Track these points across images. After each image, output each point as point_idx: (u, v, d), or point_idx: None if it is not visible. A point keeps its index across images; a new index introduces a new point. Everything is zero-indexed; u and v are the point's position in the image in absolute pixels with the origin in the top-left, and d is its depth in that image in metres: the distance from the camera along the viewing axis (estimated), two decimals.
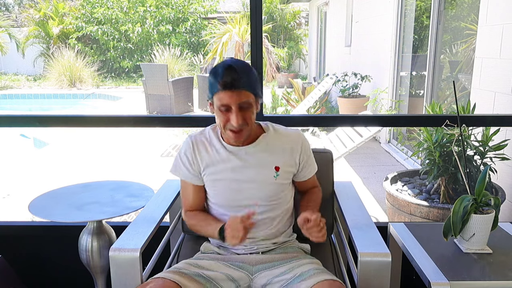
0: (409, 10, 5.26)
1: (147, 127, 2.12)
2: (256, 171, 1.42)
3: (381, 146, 5.65)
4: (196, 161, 1.44)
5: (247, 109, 1.32)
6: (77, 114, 2.33)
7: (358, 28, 7.24)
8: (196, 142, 1.46)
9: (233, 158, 1.42)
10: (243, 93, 1.30)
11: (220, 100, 1.31)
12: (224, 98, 1.30)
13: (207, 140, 1.46)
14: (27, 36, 14.49)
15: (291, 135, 1.48)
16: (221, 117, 1.33)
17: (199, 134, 1.49)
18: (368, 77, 6.28)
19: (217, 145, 1.45)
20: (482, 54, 3.20)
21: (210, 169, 1.44)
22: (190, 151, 1.45)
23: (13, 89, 12.56)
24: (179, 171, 1.47)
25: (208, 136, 1.47)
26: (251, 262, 1.40)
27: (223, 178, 1.43)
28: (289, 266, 1.35)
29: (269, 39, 9.67)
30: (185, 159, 1.45)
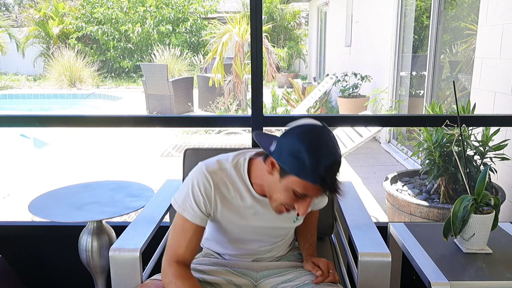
0: (409, 10, 5.26)
1: (147, 127, 2.12)
2: (278, 218, 1.28)
3: (381, 146, 5.65)
4: (212, 202, 1.23)
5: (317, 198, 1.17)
6: (77, 114, 2.32)
7: (358, 28, 7.24)
8: (216, 178, 1.23)
9: (257, 205, 1.26)
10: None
11: (305, 189, 1.09)
12: (312, 191, 1.09)
13: (228, 179, 1.24)
14: (27, 36, 14.49)
15: None
16: (289, 198, 1.12)
17: (218, 170, 1.24)
18: (368, 77, 6.28)
19: (242, 189, 1.24)
20: (482, 54, 3.20)
21: (227, 214, 1.25)
22: (208, 191, 1.22)
23: (13, 89, 12.56)
24: (188, 211, 1.21)
25: (230, 174, 1.25)
26: (255, 268, 1.36)
27: (240, 223, 1.28)
28: (296, 274, 1.33)
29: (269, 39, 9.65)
30: (201, 198, 1.21)
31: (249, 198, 1.25)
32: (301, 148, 1.06)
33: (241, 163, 1.26)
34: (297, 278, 1.30)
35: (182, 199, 1.23)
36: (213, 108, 7.87)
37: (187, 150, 1.73)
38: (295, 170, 1.07)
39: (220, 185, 1.23)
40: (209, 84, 7.71)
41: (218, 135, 6.38)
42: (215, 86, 7.60)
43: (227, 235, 1.33)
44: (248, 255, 1.38)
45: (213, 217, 1.27)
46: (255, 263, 1.38)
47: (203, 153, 1.72)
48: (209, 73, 8.20)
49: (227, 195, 1.24)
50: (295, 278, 1.31)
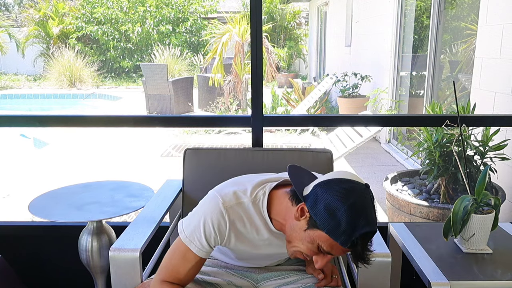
0: (409, 10, 5.26)
1: (147, 127, 2.12)
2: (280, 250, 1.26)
3: (381, 146, 5.65)
4: (225, 239, 1.16)
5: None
6: (77, 114, 2.32)
7: (358, 28, 7.24)
8: (233, 215, 1.15)
9: (273, 239, 1.21)
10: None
11: (331, 248, 1.05)
12: (338, 251, 1.05)
13: (246, 214, 1.17)
14: (27, 36, 14.49)
15: None
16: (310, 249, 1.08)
17: (235, 205, 1.16)
18: (368, 77, 6.28)
19: (260, 225, 1.18)
20: (482, 54, 3.20)
21: (240, 246, 1.20)
22: (223, 229, 1.14)
23: (13, 89, 12.56)
24: (195, 244, 1.14)
25: (248, 210, 1.17)
26: (256, 270, 1.36)
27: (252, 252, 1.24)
28: (297, 277, 1.32)
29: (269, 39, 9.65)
30: (212, 234, 1.14)
31: (266, 233, 1.19)
32: (340, 207, 1.01)
33: (260, 198, 1.18)
34: (298, 281, 1.30)
35: (191, 231, 1.15)
36: (213, 108, 7.87)
37: (187, 150, 1.73)
38: (328, 227, 1.02)
39: (236, 222, 1.16)
40: (209, 84, 7.71)
41: (218, 135, 6.38)
42: (215, 86, 7.60)
43: (234, 256, 1.32)
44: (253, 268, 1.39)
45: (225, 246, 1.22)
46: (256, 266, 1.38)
47: (203, 153, 1.72)
48: (209, 73, 8.20)
49: (243, 230, 1.17)
50: (297, 280, 1.30)
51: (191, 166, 1.70)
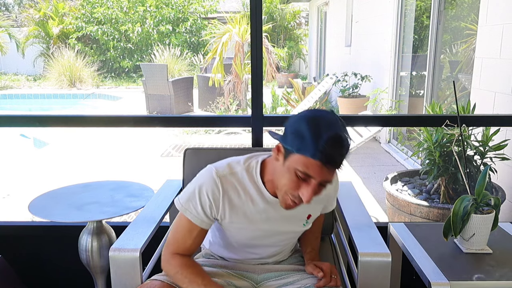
0: (409, 10, 5.26)
1: (147, 127, 2.12)
2: (289, 221, 1.28)
3: (381, 146, 5.65)
4: (220, 207, 1.19)
5: (323, 187, 1.10)
6: (77, 114, 2.32)
7: (358, 28, 7.24)
8: (226, 184, 1.19)
9: (269, 209, 1.22)
10: (332, 173, 1.06)
11: (305, 167, 1.04)
12: (313, 169, 1.04)
13: (239, 183, 1.20)
14: (27, 36, 14.49)
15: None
16: (291, 182, 1.08)
17: (229, 174, 1.20)
18: (368, 77, 6.28)
19: (254, 193, 1.21)
20: (482, 54, 3.20)
21: (236, 219, 1.22)
22: (216, 195, 1.18)
23: (13, 89, 12.56)
24: (190, 211, 1.19)
25: (241, 178, 1.21)
26: (256, 271, 1.35)
27: (249, 228, 1.25)
28: (297, 277, 1.32)
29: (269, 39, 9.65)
30: (207, 201, 1.18)
31: (261, 202, 1.21)
32: (302, 125, 1.04)
33: (253, 166, 1.22)
34: (297, 282, 1.30)
35: (186, 199, 1.20)
36: (213, 108, 7.87)
37: (187, 150, 1.73)
38: (296, 146, 1.04)
39: (230, 191, 1.19)
40: (209, 84, 7.71)
41: (218, 135, 6.38)
42: (215, 86, 7.60)
43: (234, 241, 1.31)
44: (253, 259, 1.37)
45: (220, 222, 1.24)
46: (256, 265, 1.37)
47: (203, 153, 1.72)
48: (209, 73, 8.20)
49: (237, 201, 1.20)
50: (296, 281, 1.30)
51: (191, 166, 1.70)
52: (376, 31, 6.09)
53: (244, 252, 1.35)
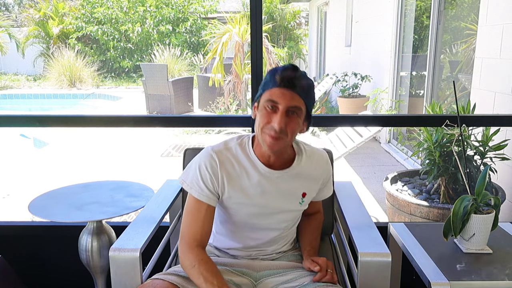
0: (409, 10, 5.26)
1: (147, 127, 2.12)
2: (284, 197, 1.34)
3: (381, 146, 5.65)
4: (219, 180, 1.27)
5: (293, 116, 1.21)
6: (77, 114, 2.32)
7: (358, 28, 7.24)
8: (222, 157, 1.28)
9: (264, 181, 1.30)
10: (296, 98, 1.20)
11: (270, 95, 1.20)
12: (276, 94, 1.19)
13: (233, 156, 1.30)
14: (27, 36, 14.48)
15: (320, 160, 1.41)
16: (263, 116, 1.21)
17: (224, 149, 1.30)
18: (368, 77, 6.28)
19: (248, 166, 1.29)
20: (482, 54, 3.20)
21: (234, 193, 1.29)
22: (214, 168, 1.27)
23: (13, 89, 12.56)
24: (195, 189, 1.26)
25: (235, 152, 1.31)
26: (255, 268, 1.36)
27: (248, 202, 1.30)
28: (296, 275, 1.32)
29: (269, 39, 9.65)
30: (207, 176, 1.26)
31: (255, 174, 1.29)
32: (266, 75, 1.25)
33: (246, 141, 1.33)
34: (297, 279, 1.30)
35: (190, 178, 1.28)
36: (213, 108, 7.87)
37: (187, 150, 1.73)
38: (261, 88, 1.24)
39: (226, 163, 1.28)
40: (209, 84, 7.71)
41: (218, 135, 6.38)
42: (215, 86, 7.60)
43: (233, 222, 1.35)
44: (253, 248, 1.39)
45: (221, 199, 1.30)
46: (256, 262, 1.38)
47: None
48: (209, 73, 8.20)
49: (233, 172, 1.28)
50: (295, 279, 1.31)
51: None
52: (376, 31, 6.09)
53: (245, 238, 1.37)
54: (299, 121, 1.23)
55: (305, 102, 1.22)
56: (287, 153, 1.34)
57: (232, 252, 1.41)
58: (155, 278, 1.24)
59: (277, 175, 1.31)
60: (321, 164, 1.41)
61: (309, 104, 1.25)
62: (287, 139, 1.23)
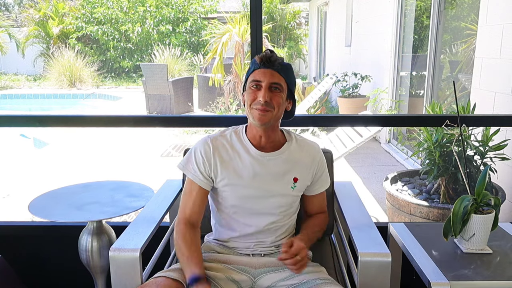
0: (409, 10, 5.26)
1: (147, 127, 2.12)
2: (276, 180, 1.39)
3: (381, 146, 5.66)
4: (212, 164, 1.37)
5: (276, 92, 1.34)
6: (77, 114, 2.32)
7: (358, 28, 7.24)
8: (216, 143, 1.40)
9: (256, 164, 1.38)
10: (276, 75, 1.33)
11: (253, 76, 1.34)
12: (258, 74, 1.34)
13: (228, 142, 1.41)
14: (27, 36, 14.49)
15: (311, 148, 1.47)
16: (250, 95, 1.34)
17: (219, 136, 1.42)
18: (368, 77, 6.28)
19: (240, 149, 1.39)
20: (482, 54, 3.20)
21: (227, 173, 1.37)
22: (207, 152, 1.38)
23: (13, 89, 12.56)
24: (189, 169, 1.39)
25: (230, 138, 1.42)
26: (253, 265, 1.38)
27: (241, 184, 1.37)
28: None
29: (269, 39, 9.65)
30: (200, 158, 1.38)
31: (247, 157, 1.38)
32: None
33: (240, 128, 1.45)
34: (294, 277, 1.31)
35: (186, 161, 1.42)
36: (213, 108, 7.87)
37: (187, 150, 1.73)
38: (246, 75, 1.38)
39: (220, 148, 1.39)
40: (209, 84, 7.71)
41: None
42: (215, 86, 7.60)
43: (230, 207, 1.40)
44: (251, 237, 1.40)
45: (215, 182, 1.38)
46: (254, 259, 1.40)
47: None
48: (209, 73, 8.20)
49: (226, 156, 1.39)
50: (293, 276, 1.32)
51: None
52: (376, 31, 6.09)
53: (242, 225, 1.40)
54: (282, 95, 1.35)
55: (286, 80, 1.35)
56: (278, 137, 1.42)
57: (232, 244, 1.43)
58: (157, 276, 1.25)
59: (268, 157, 1.39)
60: (312, 152, 1.46)
61: (290, 82, 1.38)
62: (274, 112, 1.33)
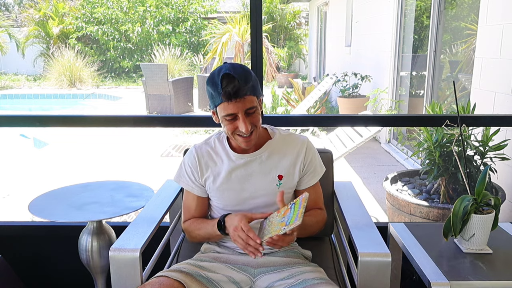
0: (409, 10, 5.26)
1: (147, 127, 2.12)
2: (260, 180, 1.42)
3: (381, 146, 5.66)
4: (199, 172, 1.44)
5: (253, 114, 1.32)
6: (77, 114, 2.32)
7: (358, 28, 7.24)
8: (201, 152, 1.46)
9: (237, 167, 1.42)
10: (247, 100, 1.28)
11: (225, 110, 1.29)
12: (229, 108, 1.28)
13: (212, 149, 1.46)
14: (27, 36, 14.49)
15: (295, 142, 1.46)
16: (228, 125, 1.32)
17: (204, 144, 1.48)
18: (368, 77, 6.28)
19: (222, 154, 1.44)
20: (482, 54, 3.20)
21: (215, 179, 1.43)
22: (193, 162, 1.45)
23: (13, 89, 12.56)
24: (182, 181, 1.48)
25: (214, 145, 1.47)
26: (253, 264, 1.39)
27: (228, 188, 1.42)
28: (292, 271, 1.33)
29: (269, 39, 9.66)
30: (189, 169, 1.46)
31: (227, 160, 1.43)
32: (207, 87, 1.34)
33: (223, 135, 1.47)
34: (293, 276, 1.31)
35: (178, 173, 1.50)
36: None
37: (187, 150, 1.73)
38: (212, 103, 1.34)
39: (205, 156, 1.45)
40: None
41: None
42: None
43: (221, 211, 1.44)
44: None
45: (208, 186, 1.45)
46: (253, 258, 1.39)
47: None
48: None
49: (211, 163, 1.44)
50: (292, 276, 1.32)
51: None
52: (376, 31, 6.09)
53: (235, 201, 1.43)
54: (258, 111, 1.34)
55: (254, 92, 1.31)
56: (260, 136, 1.42)
57: (232, 244, 1.43)
58: (160, 276, 1.25)
59: (249, 158, 1.42)
60: (296, 144, 1.45)
61: (255, 89, 1.32)
62: (257, 129, 1.35)
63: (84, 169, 4.93)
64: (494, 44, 3.01)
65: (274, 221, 1.25)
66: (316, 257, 1.51)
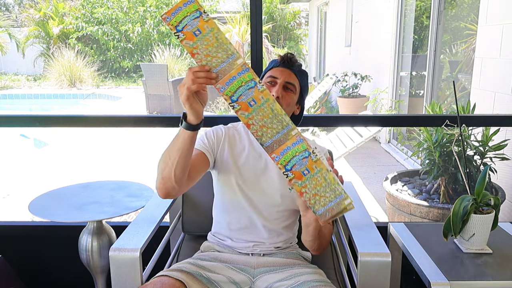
0: (409, 10, 5.26)
1: (147, 127, 2.12)
2: (276, 178, 1.41)
3: (381, 146, 5.66)
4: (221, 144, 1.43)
5: (289, 92, 1.38)
6: (77, 114, 2.33)
7: (358, 28, 7.24)
8: (228, 132, 1.46)
9: (257, 158, 1.42)
10: (293, 75, 1.39)
11: (271, 73, 1.39)
12: (276, 71, 1.39)
13: (238, 133, 1.47)
14: (27, 36, 14.48)
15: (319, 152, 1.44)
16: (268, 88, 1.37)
17: (231, 127, 1.50)
18: (368, 77, 6.28)
19: (246, 143, 1.45)
20: (482, 54, 3.20)
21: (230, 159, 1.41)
22: (220, 134, 1.44)
23: (13, 89, 12.56)
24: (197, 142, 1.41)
25: (239, 131, 1.49)
26: (252, 265, 1.38)
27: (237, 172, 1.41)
28: (292, 272, 1.33)
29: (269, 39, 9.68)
30: (212, 134, 1.44)
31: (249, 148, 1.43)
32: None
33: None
34: (292, 277, 1.31)
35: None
36: (213, 108, 7.87)
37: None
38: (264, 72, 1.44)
39: (231, 136, 1.46)
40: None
41: None
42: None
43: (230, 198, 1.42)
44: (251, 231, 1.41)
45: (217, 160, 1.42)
46: (253, 259, 1.40)
47: None
48: None
49: (233, 143, 1.45)
50: (291, 277, 1.32)
51: None
52: (376, 31, 6.09)
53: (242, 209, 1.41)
54: (293, 97, 1.40)
55: (300, 83, 1.41)
56: None
57: (232, 244, 1.43)
58: (161, 275, 1.24)
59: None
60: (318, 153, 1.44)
61: (303, 86, 1.43)
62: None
63: (84, 169, 4.93)
64: (494, 44, 3.01)
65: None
66: (316, 257, 1.51)
